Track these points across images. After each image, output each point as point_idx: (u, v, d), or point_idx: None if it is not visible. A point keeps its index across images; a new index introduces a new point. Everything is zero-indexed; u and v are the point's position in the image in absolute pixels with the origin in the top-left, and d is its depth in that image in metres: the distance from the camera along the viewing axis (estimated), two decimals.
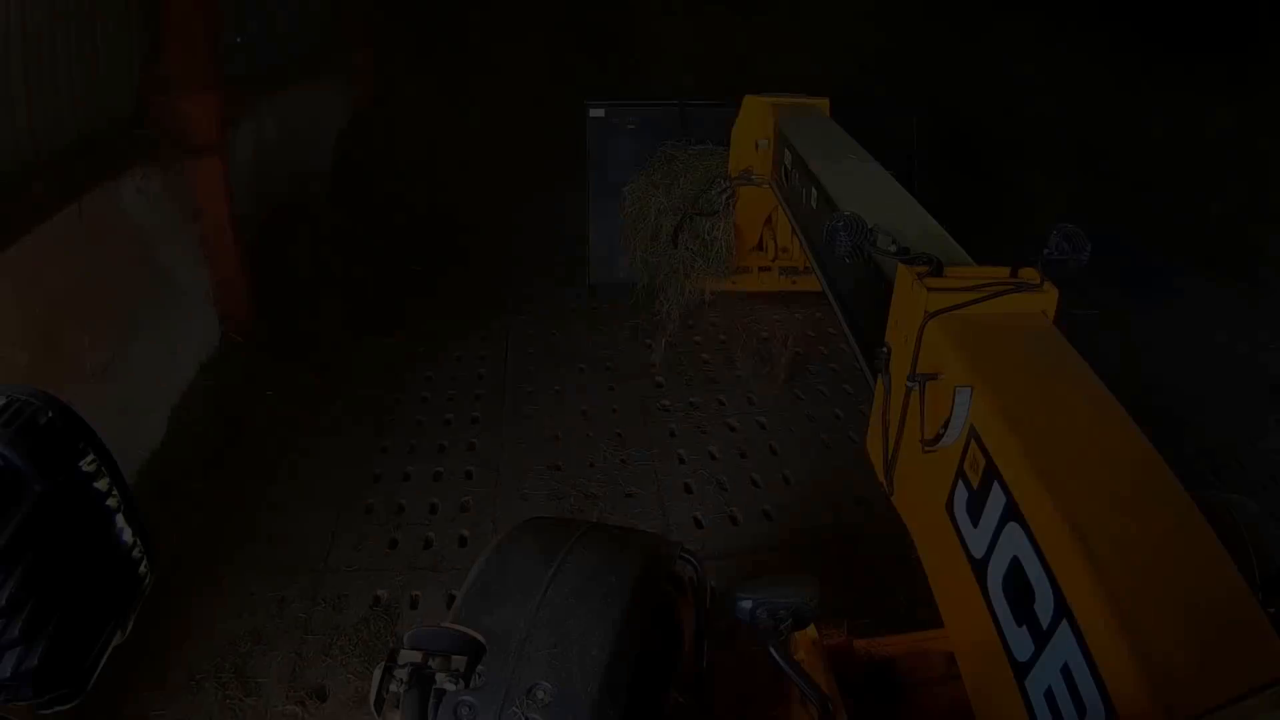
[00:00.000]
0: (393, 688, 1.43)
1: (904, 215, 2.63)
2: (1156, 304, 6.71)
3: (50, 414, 1.12)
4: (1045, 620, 1.40)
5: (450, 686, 1.44)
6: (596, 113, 5.74)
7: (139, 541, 1.10)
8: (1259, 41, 9.20)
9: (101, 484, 1.13)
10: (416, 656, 1.46)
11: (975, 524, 1.67)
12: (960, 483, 1.74)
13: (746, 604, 1.73)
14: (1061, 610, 1.35)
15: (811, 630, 2.19)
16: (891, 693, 2.16)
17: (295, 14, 7.29)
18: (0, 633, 0.96)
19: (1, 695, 0.97)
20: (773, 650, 1.72)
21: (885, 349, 2.12)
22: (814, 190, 3.24)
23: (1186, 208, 8.43)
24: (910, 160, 5.68)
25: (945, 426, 1.75)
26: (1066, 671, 1.33)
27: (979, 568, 1.64)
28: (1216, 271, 7.53)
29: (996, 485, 1.59)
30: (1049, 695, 1.39)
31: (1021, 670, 1.46)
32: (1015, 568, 1.50)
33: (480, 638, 1.52)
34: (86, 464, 1.12)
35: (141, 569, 1.11)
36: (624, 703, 1.48)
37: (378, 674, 1.44)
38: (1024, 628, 1.46)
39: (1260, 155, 8.39)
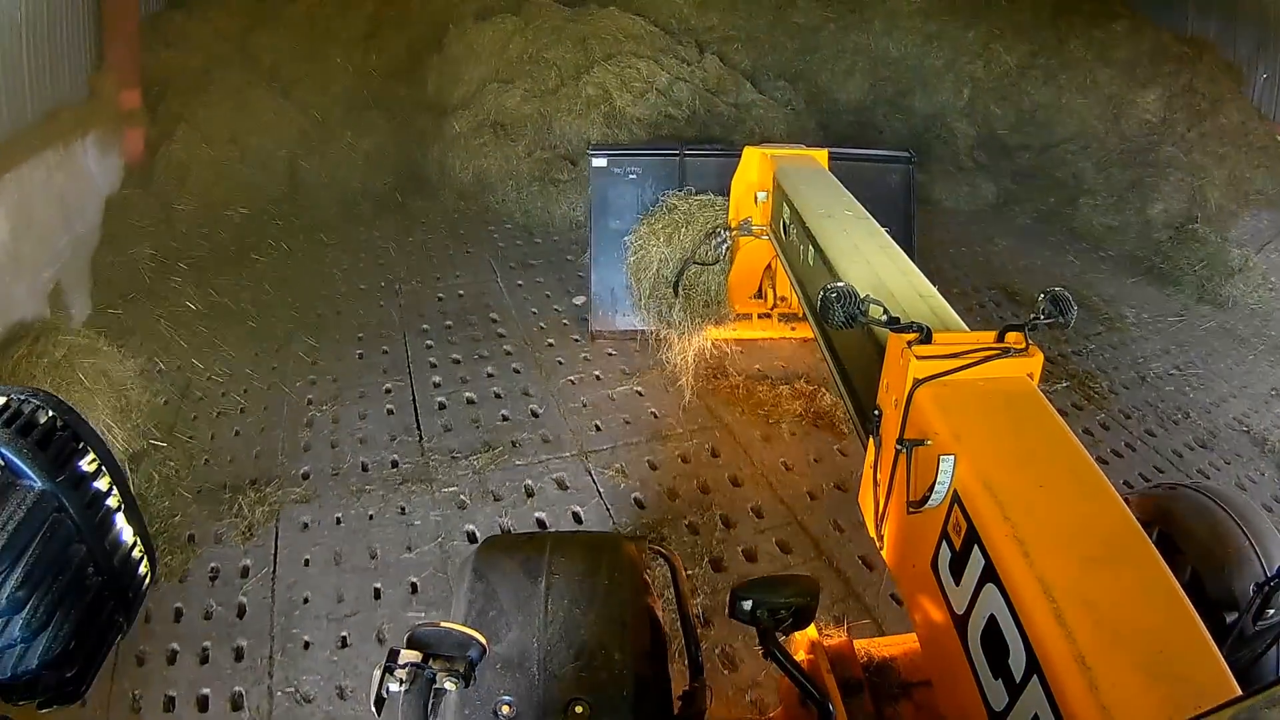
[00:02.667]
0: (393, 687, 1.43)
1: (897, 277, 2.71)
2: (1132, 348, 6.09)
3: (50, 413, 1.14)
4: (1018, 674, 1.47)
5: (451, 686, 1.45)
6: (599, 162, 5.74)
7: (139, 541, 1.11)
8: (1176, 12, 8.61)
9: (102, 483, 1.14)
10: (416, 656, 1.46)
11: (957, 582, 1.73)
12: (944, 543, 1.81)
13: (747, 604, 1.73)
14: (1033, 666, 1.43)
15: (811, 630, 2.20)
16: (891, 693, 2.16)
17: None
18: (0, 632, 0.96)
19: (2, 695, 0.97)
20: (773, 650, 1.74)
21: (877, 412, 2.21)
22: (811, 248, 3.32)
23: (1126, 211, 7.78)
24: (909, 210, 5.63)
25: (931, 490, 1.81)
26: None
27: (960, 623, 1.69)
28: (1181, 292, 6.86)
29: (976, 548, 1.66)
30: None
31: (997, 719, 1.53)
32: (992, 625, 1.57)
33: (479, 637, 1.53)
34: (87, 463, 1.13)
35: (142, 569, 1.12)
36: (656, 699, 1.51)
37: (377, 673, 1.44)
38: (1000, 680, 1.52)
39: (1190, 143, 7.82)
